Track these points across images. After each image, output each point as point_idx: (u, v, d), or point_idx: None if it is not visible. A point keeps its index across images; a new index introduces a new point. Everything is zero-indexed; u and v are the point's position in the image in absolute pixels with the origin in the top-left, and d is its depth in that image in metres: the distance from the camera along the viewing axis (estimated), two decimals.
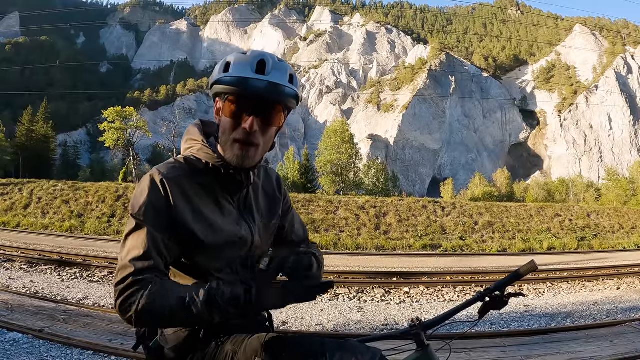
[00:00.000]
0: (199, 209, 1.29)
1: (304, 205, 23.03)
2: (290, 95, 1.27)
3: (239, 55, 1.28)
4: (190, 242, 1.26)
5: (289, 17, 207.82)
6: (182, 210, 1.25)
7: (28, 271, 10.08)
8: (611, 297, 8.76)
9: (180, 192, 1.26)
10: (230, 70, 1.25)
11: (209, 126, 1.44)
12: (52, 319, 5.52)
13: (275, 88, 1.23)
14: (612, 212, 27.10)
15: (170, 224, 1.23)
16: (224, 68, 1.27)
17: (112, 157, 67.56)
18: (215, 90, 1.29)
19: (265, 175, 1.54)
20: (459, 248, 20.06)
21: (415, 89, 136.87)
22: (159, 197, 1.23)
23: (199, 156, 1.32)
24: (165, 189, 1.24)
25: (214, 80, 1.28)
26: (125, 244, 1.21)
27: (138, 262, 1.16)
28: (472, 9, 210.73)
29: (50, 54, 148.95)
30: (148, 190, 1.23)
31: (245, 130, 1.25)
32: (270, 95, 1.24)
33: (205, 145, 1.33)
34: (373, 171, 54.45)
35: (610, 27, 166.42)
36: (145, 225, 1.20)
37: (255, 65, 1.24)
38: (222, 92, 1.28)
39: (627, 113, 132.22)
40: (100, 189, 24.76)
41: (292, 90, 1.27)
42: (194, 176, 1.31)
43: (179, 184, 1.27)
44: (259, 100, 1.24)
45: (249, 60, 1.25)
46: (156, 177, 1.25)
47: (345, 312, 7.38)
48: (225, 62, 1.28)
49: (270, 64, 1.25)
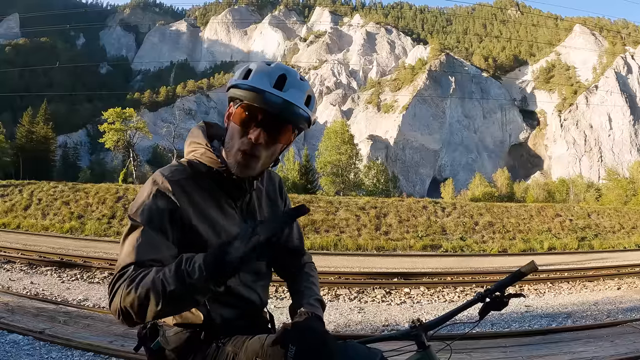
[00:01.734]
0: (203, 210, 1.29)
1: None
2: (302, 117, 1.27)
3: (263, 65, 1.28)
4: (194, 243, 1.26)
5: (288, 17, 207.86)
6: (186, 210, 1.25)
7: (28, 272, 10.07)
8: (612, 297, 8.75)
9: (184, 193, 1.26)
10: (250, 78, 1.24)
11: (213, 128, 1.44)
12: (53, 320, 5.51)
13: (289, 107, 1.23)
14: (612, 212, 27.07)
15: (173, 225, 1.23)
16: (244, 74, 1.27)
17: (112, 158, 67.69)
18: (230, 93, 1.29)
19: (269, 179, 1.55)
20: (459, 248, 20.04)
21: (415, 90, 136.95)
22: (162, 199, 1.23)
23: (203, 160, 1.32)
24: (169, 190, 1.24)
25: (231, 84, 1.29)
26: (124, 245, 1.20)
27: (132, 264, 1.14)
28: (471, 9, 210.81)
29: (50, 55, 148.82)
30: (149, 193, 1.23)
31: (250, 141, 1.24)
32: (282, 113, 1.23)
33: (208, 149, 1.32)
34: (373, 172, 54.40)
35: (610, 27, 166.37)
36: (142, 226, 1.19)
37: (275, 79, 1.23)
38: (236, 98, 1.27)
39: (627, 113, 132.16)
40: (101, 190, 24.74)
41: (305, 113, 1.27)
42: (197, 179, 1.31)
43: (182, 185, 1.27)
44: (270, 115, 1.24)
45: (270, 73, 1.24)
46: (159, 179, 1.25)
47: (345, 313, 7.38)
48: (247, 69, 1.28)
49: (290, 80, 1.25)
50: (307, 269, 1.59)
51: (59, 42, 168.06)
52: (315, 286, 1.52)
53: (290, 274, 1.58)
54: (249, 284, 1.41)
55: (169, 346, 1.31)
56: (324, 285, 9.42)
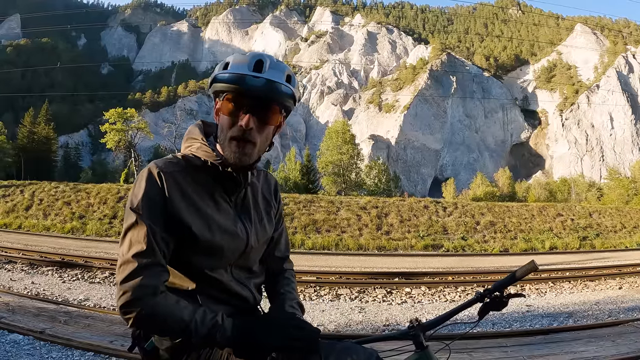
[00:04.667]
0: (196, 204, 1.29)
1: (305, 206, 23.01)
2: (286, 94, 1.27)
3: (238, 56, 1.29)
4: (186, 237, 1.26)
5: (289, 17, 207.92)
6: (177, 204, 1.25)
7: (29, 272, 10.08)
8: (613, 297, 8.73)
9: (177, 186, 1.26)
10: (229, 69, 1.26)
11: (210, 127, 1.44)
12: (53, 320, 5.51)
13: (271, 85, 1.24)
14: (614, 211, 27.02)
15: (166, 217, 1.24)
16: (223, 67, 1.29)
17: (114, 158, 67.67)
18: (214, 88, 1.30)
19: (265, 180, 1.55)
20: (460, 248, 20.01)
21: (417, 89, 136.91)
22: (156, 190, 1.24)
23: (198, 154, 1.32)
24: (162, 181, 1.24)
25: (212, 78, 1.30)
26: (125, 239, 1.21)
27: (141, 258, 1.17)
28: (473, 8, 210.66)
29: (51, 56, 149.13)
30: (145, 184, 1.24)
31: (241, 127, 1.25)
32: (266, 92, 1.24)
33: (204, 143, 1.33)
34: (374, 171, 54.45)
35: (611, 26, 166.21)
36: (144, 219, 1.20)
37: (252, 64, 1.25)
38: (220, 91, 1.28)
39: (628, 112, 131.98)
40: (102, 190, 24.77)
41: (288, 89, 1.27)
42: (191, 173, 1.31)
43: (176, 178, 1.27)
44: (255, 98, 1.25)
45: (247, 60, 1.26)
46: (153, 171, 1.25)
47: (346, 313, 7.37)
48: (225, 62, 1.30)
49: (267, 63, 1.26)
50: (288, 275, 1.61)
51: (60, 43, 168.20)
52: (295, 291, 1.56)
53: (271, 277, 1.59)
54: (243, 281, 1.40)
55: (162, 346, 1.30)
56: (325, 285, 9.44)
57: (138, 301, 1.15)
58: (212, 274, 1.31)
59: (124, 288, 1.16)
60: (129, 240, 1.20)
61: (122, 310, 1.17)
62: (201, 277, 1.30)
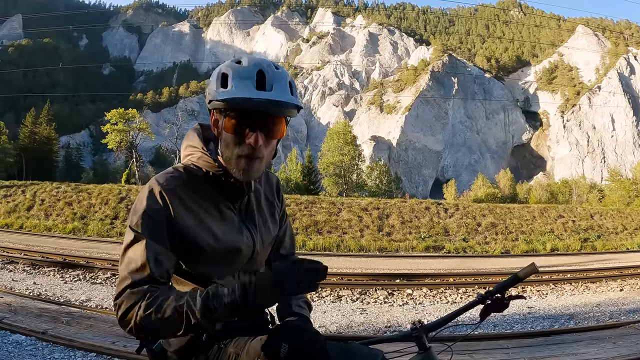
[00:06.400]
0: (200, 217, 1.29)
1: (306, 207, 23.02)
2: (292, 107, 1.26)
3: (236, 68, 1.24)
4: (193, 251, 1.28)
5: (291, 18, 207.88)
6: (183, 219, 1.25)
7: (31, 273, 10.09)
8: (614, 299, 8.73)
9: (180, 201, 1.26)
10: (230, 86, 1.22)
11: (208, 130, 1.42)
12: (55, 320, 5.52)
13: (278, 105, 1.22)
14: (615, 213, 26.99)
15: (171, 234, 1.24)
16: (221, 82, 1.24)
17: (115, 159, 67.62)
18: (214, 105, 1.27)
19: (266, 181, 1.54)
20: (462, 249, 20.01)
21: (418, 91, 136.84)
22: (158, 208, 1.23)
23: (199, 165, 1.32)
24: (165, 200, 1.24)
25: (213, 98, 1.25)
26: (124, 257, 1.22)
27: (135, 274, 1.18)
28: (474, 10, 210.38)
29: (53, 56, 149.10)
30: (146, 203, 1.24)
31: (250, 145, 1.24)
32: (275, 112, 1.24)
33: (205, 153, 1.32)
34: (376, 173, 54.44)
35: (613, 27, 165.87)
36: (143, 237, 1.20)
37: (255, 80, 1.21)
38: (221, 109, 1.26)
39: (630, 114, 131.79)
40: (103, 190, 24.82)
41: (293, 103, 1.25)
42: (194, 185, 1.31)
43: (178, 194, 1.27)
44: (262, 117, 1.24)
45: (248, 74, 1.22)
46: (155, 189, 1.25)
47: (348, 314, 7.38)
48: (221, 75, 1.25)
49: (269, 75, 1.23)
50: None
51: (62, 43, 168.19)
52: None
53: None
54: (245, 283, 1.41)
55: (170, 348, 1.32)
56: (327, 287, 9.42)
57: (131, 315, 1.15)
58: (220, 281, 1.32)
59: (118, 305, 1.17)
60: (127, 258, 1.21)
61: (120, 323, 1.19)
62: (209, 285, 1.29)
